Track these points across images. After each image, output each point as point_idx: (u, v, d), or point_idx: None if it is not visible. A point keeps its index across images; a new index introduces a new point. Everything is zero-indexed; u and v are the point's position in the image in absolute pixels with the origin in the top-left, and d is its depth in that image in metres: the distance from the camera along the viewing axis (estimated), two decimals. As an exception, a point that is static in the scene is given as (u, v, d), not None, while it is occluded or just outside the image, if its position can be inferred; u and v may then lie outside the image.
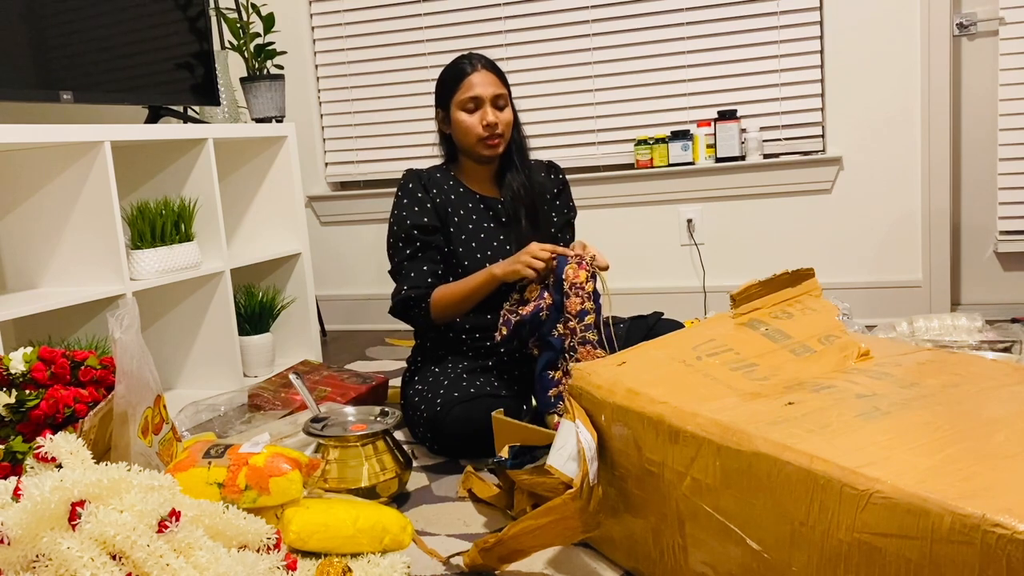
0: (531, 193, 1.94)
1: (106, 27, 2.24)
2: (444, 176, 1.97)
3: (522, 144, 1.97)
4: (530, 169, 1.97)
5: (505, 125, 1.88)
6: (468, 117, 1.87)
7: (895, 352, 1.24)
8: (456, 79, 1.88)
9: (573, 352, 1.69)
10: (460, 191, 1.95)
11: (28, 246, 2.12)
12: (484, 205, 1.95)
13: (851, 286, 2.83)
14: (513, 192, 1.93)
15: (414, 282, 1.85)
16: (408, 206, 1.90)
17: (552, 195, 2.02)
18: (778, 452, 0.94)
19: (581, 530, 1.14)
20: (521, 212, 1.93)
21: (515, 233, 1.93)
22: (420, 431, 1.82)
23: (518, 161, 1.95)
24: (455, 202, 1.93)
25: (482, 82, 1.86)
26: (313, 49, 3.30)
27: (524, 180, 1.94)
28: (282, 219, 2.73)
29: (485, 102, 1.86)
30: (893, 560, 0.83)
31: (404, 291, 1.85)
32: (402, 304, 1.86)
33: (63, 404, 1.32)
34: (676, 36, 2.91)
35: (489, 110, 1.86)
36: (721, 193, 2.90)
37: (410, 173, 1.95)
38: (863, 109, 2.76)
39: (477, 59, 1.90)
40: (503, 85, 1.90)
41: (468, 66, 1.88)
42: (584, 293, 1.68)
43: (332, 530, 1.26)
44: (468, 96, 1.86)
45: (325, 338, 3.19)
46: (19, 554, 0.93)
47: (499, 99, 1.87)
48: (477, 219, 1.93)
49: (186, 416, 2.03)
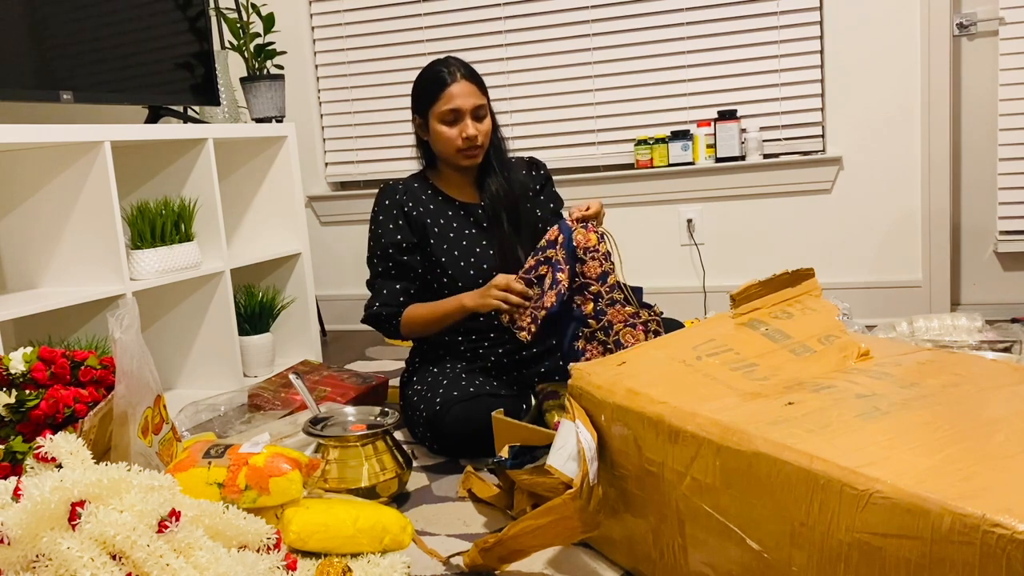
0: (511, 195, 1.92)
1: (106, 27, 2.24)
2: (422, 186, 1.95)
3: (500, 146, 1.95)
4: (509, 170, 1.95)
5: (484, 136, 1.87)
6: (448, 129, 1.85)
7: (895, 352, 1.24)
8: (435, 90, 1.84)
9: (603, 314, 1.68)
10: (439, 199, 1.94)
11: (28, 246, 2.12)
12: (464, 211, 1.94)
13: (851, 286, 2.83)
14: (492, 195, 1.92)
15: (385, 299, 1.88)
16: (383, 223, 1.90)
17: (535, 191, 2.01)
18: (778, 452, 0.94)
19: (581, 530, 1.14)
20: (502, 215, 1.91)
21: (497, 236, 1.92)
22: (420, 431, 1.82)
23: (496, 164, 1.93)
24: (434, 212, 1.92)
25: (462, 93, 1.83)
26: (313, 49, 3.30)
27: (503, 182, 1.92)
28: (282, 219, 2.73)
29: (465, 114, 1.83)
30: (893, 560, 0.83)
31: (376, 307, 1.89)
32: (373, 319, 1.91)
33: (63, 404, 1.32)
34: (676, 36, 2.91)
35: (469, 123, 1.83)
36: (721, 193, 2.90)
37: (386, 189, 1.93)
38: (863, 109, 2.76)
39: (456, 67, 1.86)
40: (482, 94, 1.87)
41: (447, 75, 1.84)
42: (600, 255, 1.68)
43: (332, 530, 1.26)
44: (448, 108, 1.83)
45: (325, 338, 3.19)
46: (19, 554, 0.93)
47: (479, 110, 1.85)
48: (458, 227, 1.92)
49: (186, 416, 2.03)
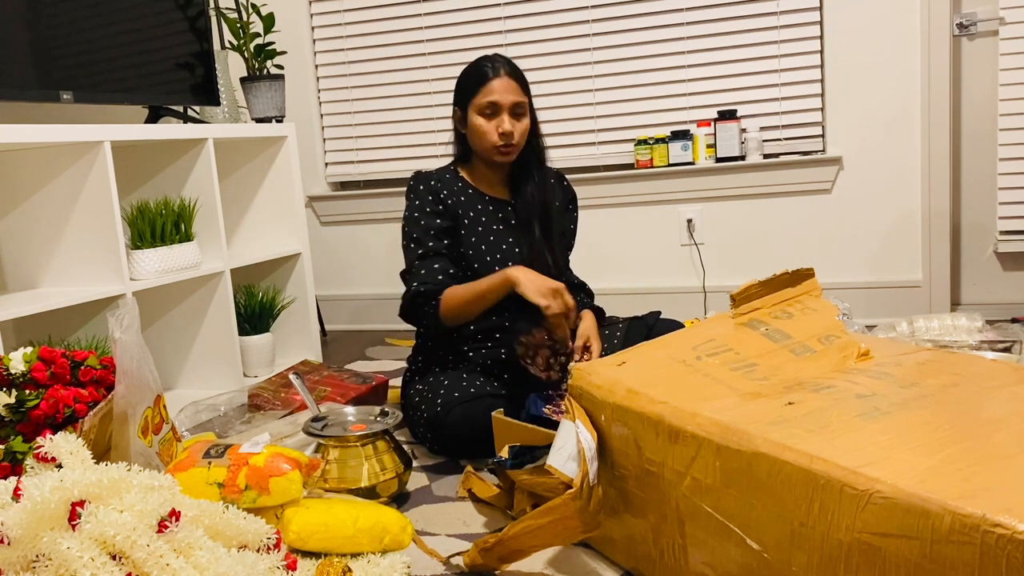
0: (545, 200, 1.93)
1: (106, 27, 2.24)
2: (453, 178, 1.95)
3: (539, 150, 1.95)
4: (545, 175, 1.96)
5: (521, 134, 1.86)
6: (485, 123, 1.84)
7: (895, 352, 1.24)
8: (477, 82, 1.85)
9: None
10: (469, 192, 1.94)
11: (28, 246, 2.12)
12: (493, 207, 1.94)
13: (851, 286, 2.83)
14: (526, 198, 1.92)
15: (425, 278, 1.81)
16: (420, 207, 1.88)
17: (561, 202, 2.02)
18: (778, 452, 0.94)
19: (581, 530, 1.14)
20: (534, 218, 1.92)
21: (527, 239, 1.92)
22: (420, 431, 1.82)
23: (534, 167, 1.94)
24: (465, 203, 1.92)
25: (502, 89, 1.83)
26: (313, 49, 3.30)
27: (537, 186, 1.93)
28: (282, 219, 2.73)
29: (503, 109, 1.83)
30: (893, 560, 0.83)
31: (415, 287, 1.80)
32: (411, 302, 1.81)
33: (63, 404, 1.32)
34: (676, 36, 2.91)
35: (506, 118, 1.83)
36: (721, 193, 2.90)
37: (419, 176, 1.93)
38: (863, 109, 2.76)
39: (500, 63, 1.86)
40: (524, 93, 1.86)
41: (491, 70, 1.84)
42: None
43: (332, 530, 1.26)
44: (487, 101, 1.83)
45: (325, 338, 3.19)
46: (19, 554, 0.93)
47: (518, 107, 1.84)
48: (487, 221, 1.92)
49: (186, 416, 2.03)
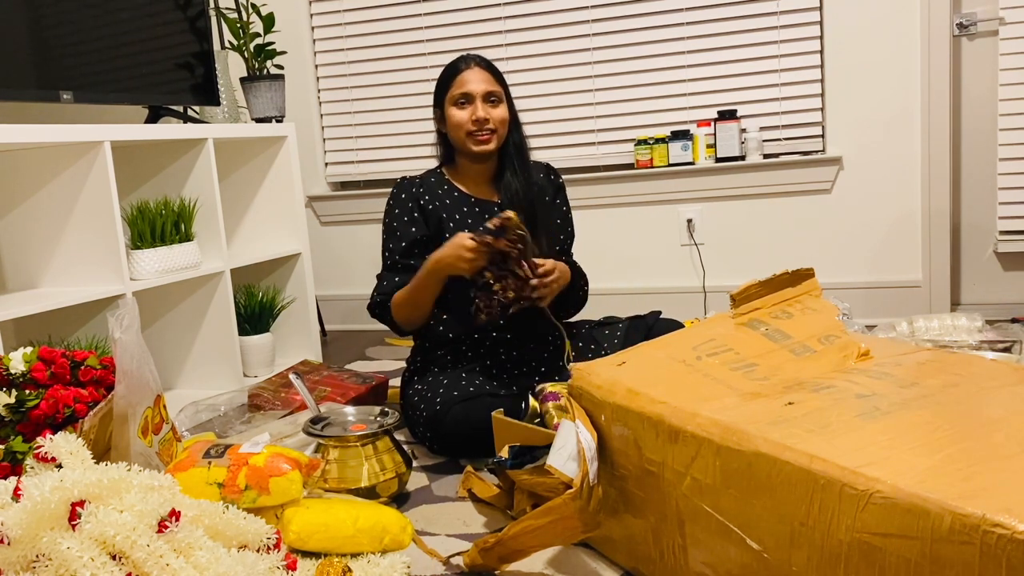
0: (530, 196, 1.93)
1: (106, 27, 2.24)
2: (438, 181, 1.97)
3: (522, 145, 1.96)
4: (530, 171, 1.97)
5: (498, 122, 1.88)
6: (458, 112, 1.88)
7: (895, 352, 1.24)
8: (450, 76, 1.91)
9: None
10: (454, 195, 1.95)
11: (28, 246, 2.12)
12: (479, 208, 1.94)
13: (851, 286, 2.83)
14: (512, 194, 1.93)
15: (384, 289, 1.91)
16: (398, 217, 1.93)
17: (550, 196, 2.02)
18: (778, 452, 0.94)
19: (581, 530, 1.14)
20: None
21: None
22: (420, 431, 1.82)
23: (517, 163, 1.94)
24: (449, 207, 1.93)
25: (474, 79, 1.88)
26: (313, 49, 3.30)
27: (522, 182, 1.93)
28: (282, 219, 2.73)
29: (476, 98, 1.87)
30: (893, 560, 0.83)
31: (373, 297, 1.93)
32: (371, 308, 1.94)
33: (63, 404, 1.32)
34: (676, 36, 2.91)
35: (480, 105, 1.87)
36: (721, 193, 2.90)
37: (401, 183, 1.97)
38: (863, 109, 2.76)
39: (472, 58, 1.92)
40: (498, 83, 1.90)
41: (462, 64, 1.91)
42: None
43: (332, 530, 1.26)
44: (459, 92, 1.88)
45: (325, 338, 3.19)
46: (19, 554, 0.93)
47: (491, 95, 1.88)
48: (473, 223, 1.92)
49: (186, 416, 2.03)
